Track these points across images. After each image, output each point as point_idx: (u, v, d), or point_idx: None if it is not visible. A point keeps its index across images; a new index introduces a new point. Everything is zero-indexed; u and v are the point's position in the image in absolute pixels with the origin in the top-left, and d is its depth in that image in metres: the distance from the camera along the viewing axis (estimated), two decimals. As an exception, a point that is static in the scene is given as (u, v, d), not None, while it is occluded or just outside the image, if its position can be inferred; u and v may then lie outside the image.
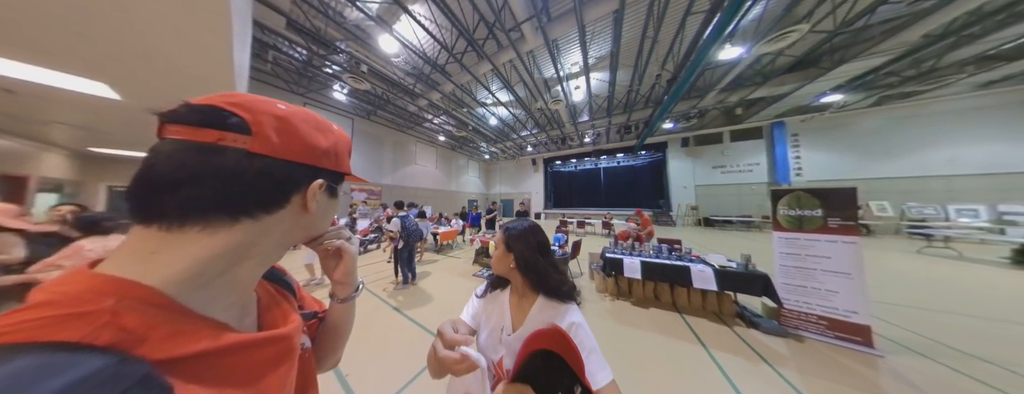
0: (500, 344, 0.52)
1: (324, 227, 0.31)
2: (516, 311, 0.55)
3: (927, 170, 6.67)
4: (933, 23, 3.77)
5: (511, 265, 0.54)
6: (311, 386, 0.32)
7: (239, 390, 0.20)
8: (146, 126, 2.70)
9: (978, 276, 3.39)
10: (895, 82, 5.65)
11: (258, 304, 0.29)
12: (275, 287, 0.35)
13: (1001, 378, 1.41)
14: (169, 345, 0.18)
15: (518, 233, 0.56)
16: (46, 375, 0.13)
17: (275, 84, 6.42)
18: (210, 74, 1.73)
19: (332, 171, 0.28)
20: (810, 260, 1.77)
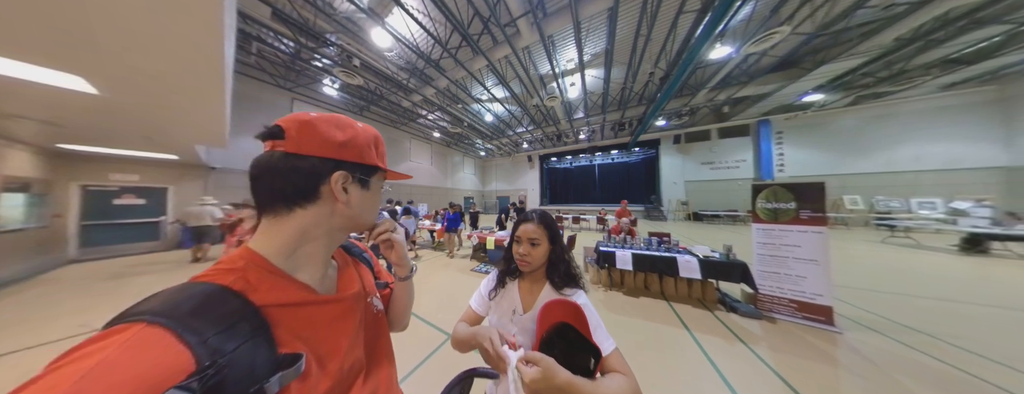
0: (511, 323, 0.57)
1: (368, 217, 0.36)
2: (527, 295, 0.59)
3: (896, 166, 7.17)
4: (904, 27, 4.02)
5: (545, 258, 0.57)
6: (383, 340, 0.41)
7: (310, 332, 0.29)
8: (121, 121, 2.56)
9: (931, 262, 3.76)
10: (870, 82, 6.00)
11: (338, 273, 0.38)
12: (354, 260, 0.44)
13: (942, 349, 1.62)
14: (269, 295, 0.27)
15: (555, 227, 0.57)
16: (214, 301, 0.24)
17: (259, 78, 6.13)
18: (197, 67, 1.66)
19: (355, 163, 0.33)
20: (783, 249, 1.93)
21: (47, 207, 3.82)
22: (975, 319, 1.99)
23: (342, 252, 0.43)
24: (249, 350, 0.23)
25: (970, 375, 1.39)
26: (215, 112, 2.41)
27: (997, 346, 1.64)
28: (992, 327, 1.88)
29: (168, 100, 2.11)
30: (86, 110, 2.25)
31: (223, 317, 0.24)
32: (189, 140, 3.47)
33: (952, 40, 4.47)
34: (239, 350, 0.23)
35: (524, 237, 0.57)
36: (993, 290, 2.60)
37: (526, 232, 0.58)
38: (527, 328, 0.55)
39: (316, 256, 0.32)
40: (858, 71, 5.30)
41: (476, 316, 0.62)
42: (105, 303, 2.41)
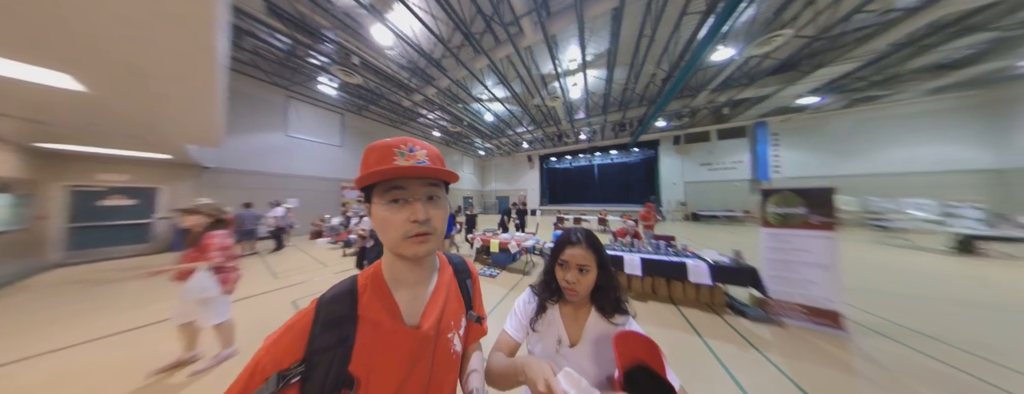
0: (558, 355, 0.51)
1: (386, 233, 0.34)
2: (571, 323, 0.53)
3: (887, 168, 7.35)
4: (899, 33, 4.10)
5: (593, 284, 0.50)
6: (448, 386, 0.38)
7: (376, 359, 0.31)
8: (109, 119, 2.43)
9: (927, 263, 3.85)
10: (863, 86, 6.13)
11: (430, 297, 0.38)
12: (454, 284, 0.44)
13: (952, 354, 1.63)
14: (369, 307, 0.33)
15: (603, 250, 0.51)
16: (342, 295, 0.33)
17: (254, 75, 5.96)
18: (189, 63, 1.58)
19: (367, 186, 0.35)
20: (793, 253, 1.93)
21: (30, 209, 3.64)
22: (980, 322, 2.02)
23: (450, 272, 0.44)
24: (331, 357, 0.29)
25: (983, 381, 1.40)
26: (208, 110, 2.31)
27: (1005, 349, 1.67)
28: (997, 329, 1.91)
29: (158, 98, 2.01)
30: (71, 108, 2.13)
31: (337, 312, 0.31)
32: (180, 139, 3.34)
33: (943, 45, 4.59)
34: (326, 353, 0.29)
35: (572, 263, 0.50)
36: (993, 292, 2.66)
37: (574, 257, 0.50)
38: (578, 364, 0.50)
39: (400, 276, 0.36)
40: (853, 75, 5.41)
41: (514, 343, 0.54)
42: (77, 318, 2.28)
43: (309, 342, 0.29)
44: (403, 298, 0.35)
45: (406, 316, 0.34)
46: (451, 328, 0.38)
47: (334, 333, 0.30)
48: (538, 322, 0.54)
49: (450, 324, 0.38)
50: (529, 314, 0.56)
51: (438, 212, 0.34)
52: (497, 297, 2.49)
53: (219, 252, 1.42)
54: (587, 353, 0.51)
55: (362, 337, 0.31)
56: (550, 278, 0.55)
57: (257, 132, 6.30)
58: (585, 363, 0.50)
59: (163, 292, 2.77)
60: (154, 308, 2.36)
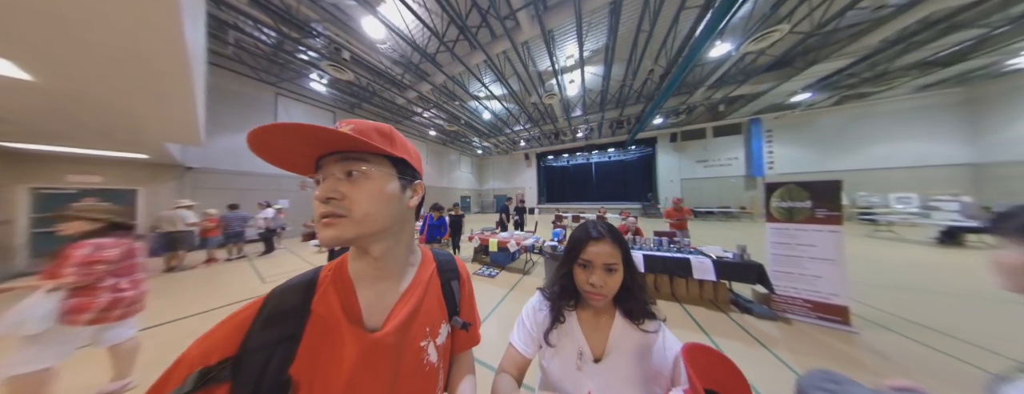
0: (580, 372, 0.43)
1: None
2: (593, 333, 0.46)
3: (874, 163, 7.55)
4: (890, 29, 4.17)
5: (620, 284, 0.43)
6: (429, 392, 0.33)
7: (323, 361, 0.27)
8: (71, 115, 2.23)
9: (916, 254, 3.96)
10: (854, 83, 6.24)
11: (402, 295, 0.33)
12: (441, 286, 0.39)
13: (957, 347, 1.63)
14: (318, 299, 0.29)
15: (627, 245, 0.44)
16: (297, 286, 0.31)
17: (239, 71, 5.69)
18: (155, 52, 1.42)
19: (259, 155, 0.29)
20: (799, 248, 1.91)
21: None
22: (975, 311, 2.05)
23: (432, 269, 0.38)
24: (266, 355, 0.25)
25: (987, 372, 1.40)
26: (184, 106, 2.14)
27: (1002, 337, 1.68)
28: (992, 318, 1.94)
29: (124, 91, 1.84)
30: (25, 101, 1.93)
31: (286, 305, 0.28)
32: (157, 137, 3.12)
33: (931, 42, 4.69)
34: (263, 351, 0.25)
35: (598, 262, 0.43)
36: (982, 282, 2.71)
37: (600, 256, 0.43)
38: (606, 383, 0.42)
39: (360, 269, 0.32)
40: (845, 71, 5.50)
41: (524, 360, 0.46)
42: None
43: (246, 337, 0.25)
44: (366, 296, 0.31)
45: (367, 316, 0.30)
46: (425, 335, 0.33)
47: (276, 329, 0.26)
48: (553, 334, 0.46)
49: (423, 331, 0.33)
50: (541, 324, 0.48)
51: (356, 190, 0.28)
52: (496, 298, 2.40)
53: (76, 269, 1.03)
54: (616, 369, 0.43)
55: (310, 335, 0.27)
56: (567, 281, 0.47)
57: (244, 130, 6.02)
58: (614, 381, 0.42)
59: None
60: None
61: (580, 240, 0.45)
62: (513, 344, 0.47)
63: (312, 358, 0.26)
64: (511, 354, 0.47)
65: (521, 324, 0.49)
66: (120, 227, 1.25)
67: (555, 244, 3.22)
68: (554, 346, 0.45)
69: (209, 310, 2.34)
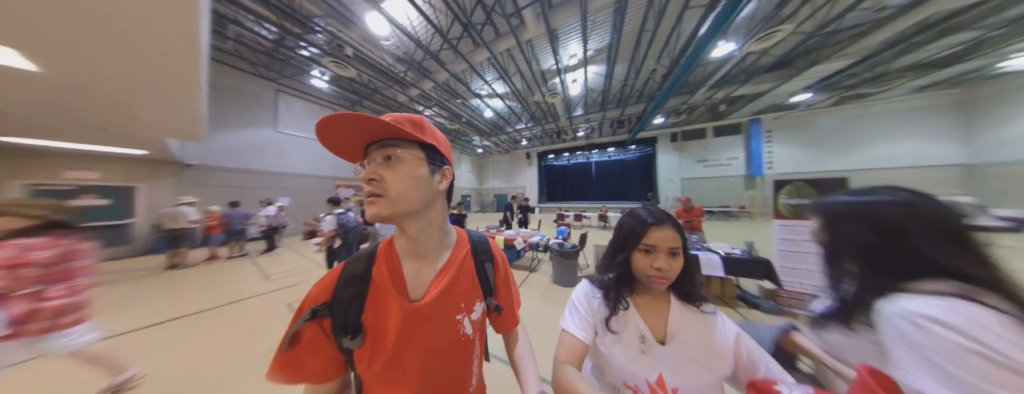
0: (646, 356, 0.43)
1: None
2: (652, 317, 0.46)
3: (871, 163, 7.67)
4: (890, 31, 4.22)
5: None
6: (452, 369, 0.37)
7: (378, 318, 0.34)
8: (73, 109, 2.19)
9: None
10: (853, 84, 6.33)
11: (439, 272, 0.38)
12: (470, 262, 0.42)
13: None
14: (376, 269, 0.36)
15: (684, 230, 0.45)
16: (363, 256, 0.38)
17: (239, 66, 5.62)
18: (167, 41, 1.40)
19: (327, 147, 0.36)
20: (805, 245, 1.94)
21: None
22: None
23: (467, 250, 0.42)
24: (348, 304, 0.33)
25: None
26: (189, 100, 2.11)
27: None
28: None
29: (131, 84, 1.81)
30: (25, 93, 1.89)
31: (355, 271, 0.36)
32: (159, 133, 3.08)
33: (929, 44, 4.76)
34: (345, 301, 0.34)
35: (662, 246, 0.43)
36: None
37: (665, 240, 0.43)
38: (676, 364, 0.43)
39: (402, 246, 0.37)
40: (844, 72, 5.56)
41: (583, 346, 0.45)
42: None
43: (334, 290, 0.34)
44: (409, 270, 0.37)
45: (410, 288, 0.36)
46: (460, 310, 0.38)
47: (351, 287, 0.34)
48: (614, 321, 0.46)
49: (458, 306, 0.38)
50: (598, 311, 0.48)
51: (392, 173, 0.32)
52: None
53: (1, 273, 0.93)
54: (683, 350, 0.44)
55: (372, 296, 0.34)
56: (625, 269, 0.47)
57: (244, 127, 5.96)
58: (684, 363, 0.43)
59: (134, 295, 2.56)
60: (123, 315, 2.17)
61: (639, 226, 0.46)
62: (569, 331, 0.46)
63: (374, 313, 0.34)
64: (568, 342, 0.46)
65: (574, 311, 0.49)
66: (60, 226, 1.11)
67: (561, 241, 3.24)
68: (616, 333, 0.46)
69: (214, 307, 2.32)
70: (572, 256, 2.76)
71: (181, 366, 1.52)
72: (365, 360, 0.33)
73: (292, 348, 0.33)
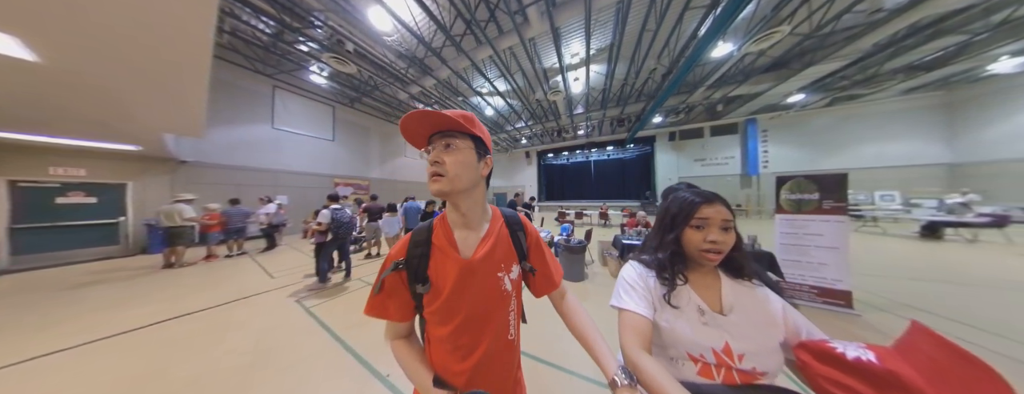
0: (708, 327, 0.45)
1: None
2: (705, 292, 0.49)
3: (862, 162, 7.91)
4: (882, 34, 4.35)
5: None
6: (496, 312, 0.47)
7: (439, 271, 0.44)
8: (71, 100, 2.10)
9: (901, 247, 4.23)
10: (845, 85, 6.51)
11: (481, 241, 0.48)
12: (505, 233, 0.51)
13: (943, 325, 1.77)
14: (435, 236, 0.47)
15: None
16: (426, 225, 0.50)
17: (234, 61, 5.47)
18: (177, 29, 1.36)
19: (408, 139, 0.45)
20: (806, 238, 2.01)
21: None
22: (954, 294, 2.22)
23: (501, 222, 0.52)
24: (418, 261, 0.45)
25: (968, 341, 1.53)
26: (192, 94, 2.06)
27: (981, 317, 1.83)
28: (971, 300, 2.10)
29: (132, 76, 1.74)
30: (16, 84, 1.81)
31: (420, 238, 0.47)
32: (157, 128, 3.00)
33: (918, 47, 4.93)
34: (415, 259, 0.45)
35: (716, 218, 0.46)
36: (960, 269, 2.94)
37: (719, 213, 0.46)
38: (741, 332, 0.45)
39: (453, 218, 0.48)
40: (837, 74, 5.72)
41: (648, 322, 0.46)
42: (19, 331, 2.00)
43: (408, 250, 0.46)
44: (460, 236, 0.47)
45: (462, 250, 0.46)
46: (500, 269, 0.47)
47: (418, 249, 0.45)
48: (673, 296, 0.48)
49: (499, 265, 0.47)
50: (655, 289, 0.49)
51: (450, 158, 0.41)
52: (539, 303, 2.41)
53: None
54: (746, 319, 0.46)
55: (434, 256, 0.45)
56: (677, 247, 0.49)
57: (240, 124, 5.82)
58: (747, 330, 0.45)
59: (131, 295, 2.51)
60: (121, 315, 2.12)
61: (689, 204, 0.48)
62: (631, 310, 0.47)
63: (436, 268, 0.44)
64: (632, 321, 0.46)
65: (631, 289, 0.50)
66: None
67: (566, 238, 3.27)
68: (678, 307, 0.47)
69: (216, 305, 2.29)
70: (579, 251, 2.80)
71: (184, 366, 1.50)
72: (430, 302, 0.44)
73: (380, 293, 0.45)
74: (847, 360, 0.36)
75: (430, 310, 0.43)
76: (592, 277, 2.87)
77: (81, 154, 4.06)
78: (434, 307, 0.43)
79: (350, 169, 8.20)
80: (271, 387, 1.30)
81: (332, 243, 2.67)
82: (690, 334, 0.46)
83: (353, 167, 8.31)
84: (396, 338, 0.47)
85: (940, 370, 0.31)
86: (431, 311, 0.43)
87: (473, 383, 0.43)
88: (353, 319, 2.00)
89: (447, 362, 0.43)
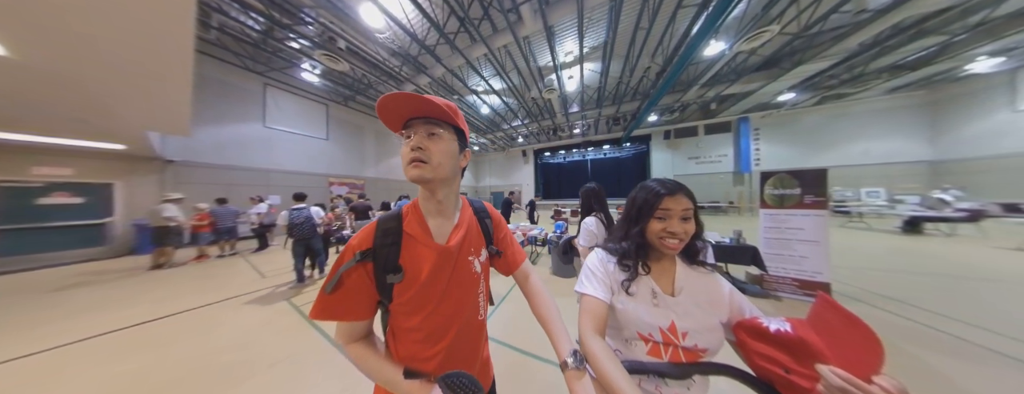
0: (659, 308, 0.49)
1: (403, 163, 0.43)
2: (661, 277, 0.52)
3: (849, 160, 8.13)
4: (867, 33, 4.47)
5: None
6: (469, 294, 0.49)
7: (412, 260, 0.44)
8: (46, 97, 2.04)
9: (883, 241, 4.39)
10: (833, 84, 6.66)
11: (454, 228, 0.49)
12: (474, 222, 0.53)
13: (912, 312, 1.86)
14: (407, 224, 0.46)
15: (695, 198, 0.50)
16: (394, 215, 0.47)
17: (223, 58, 5.36)
18: (158, 23, 1.33)
19: (381, 116, 0.42)
20: (788, 232, 2.08)
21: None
22: (929, 286, 2.32)
23: (470, 211, 0.54)
24: (388, 250, 0.43)
25: (937, 330, 1.62)
26: (174, 89, 2.02)
27: (952, 306, 1.92)
28: (944, 291, 2.20)
29: (114, 69, 1.70)
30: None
31: (390, 225, 0.45)
32: (140, 125, 2.93)
33: (902, 47, 5.07)
34: (385, 248, 0.43)
35: (676, 210, 0.47)
36: (936, 262, 3.07)
37: (680, 204, 0.48)
38: (686, 311, 0.48)
39: (426, 206, 0.47)
40: (826, 73, 5.85)
41: (604, 306, 0.49)
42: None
43: (375, 239, 0.43)
44: (433, 224, 0.47)
45: (436, 237, 0.46)
46: (471, 253, 0.49)
47: (387, 238, 0.43)
48: (631, 284, 0.51)
49: (470, 249, 0.49)
50: (614, 274, 0.52)
51: (435, 146, 0.41)
52: (504, 288, 2.44)
53: None
54: (691, 300, 0.50)
55: (405, 245, 0.44)
56: (641, 239, 0.51)
57: (229, 122, 5.70)
58: (691, 310, 0.49)
59: (117, 296, 2.47)
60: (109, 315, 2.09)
61: (652, 197, 0.50)
62: (591, 294, 0.50)
63: (408, 256, 0.43)
64: (591, 305, 0.49)
65: (592, 275, 0.53)
66: None
67: (559, 235, 3.31)
68: (632, 295, 0.50)
69: (205, 305, 2.27)
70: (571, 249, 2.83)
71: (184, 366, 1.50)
72: (401, 292, 0.42)
73: (335, 291, 0.40)
74: (770, 333, 0.40)
75: (401, 300, 0.42)
76: (584, 273, 2.91)
77: (66, 153, 3.95)
78: (407, 297, 0.41)
79: (345, 168, 8.11)
80: (259, 385, 1.30)
81: (298, 243, 2.66)
82: (640, 315, 0.49)
83: (348, 166, 8.22)
84: (352, 341, 0.43)
85: (835, 333, 0.35)
86: (402, 301, 0.42)
87: (445, 365, 0.43)
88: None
89: (415, 350, 0.43)
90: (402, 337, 0.44)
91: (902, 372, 1.30)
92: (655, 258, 0.53)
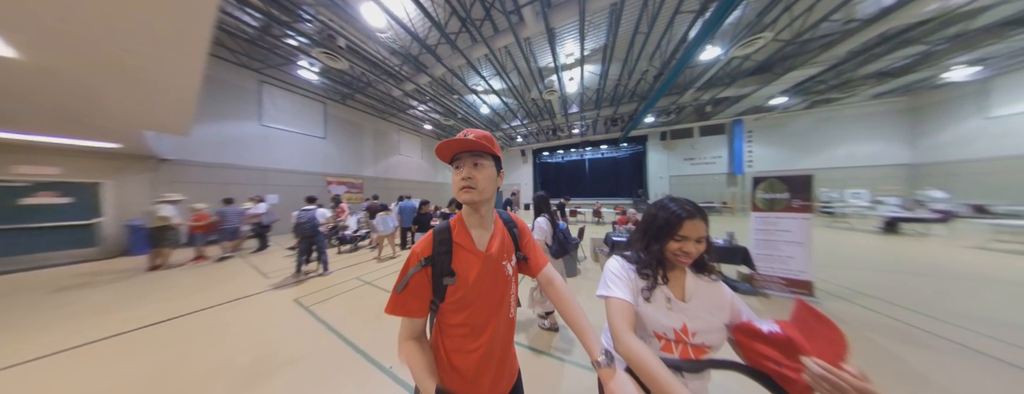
0: (672, 311, 0.55)
1: (453, 187, 0.53)
2: (673, 284, 0.58)
3: (835, 162, 8.47)
4: (855, 42, 4.66)
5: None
6: (504, 295, 0.57)
7: (461, 265, 0.52)
8: (47, 95, 1.99)
9: (863, 241, 4.64)
10: (822, 89, 6.91)
11: (490, 237, 0.57)
12: (505, 230, 0.62)
13: (892, 309, 2.02)
14: (455, 234, 0.55)
15: (708, 218, 0.55)
16: (446, 227, 0.56)
17: (218, 54, 5.21)
18: (174, 18, 1.31)
19: (442, 156, 0.53)
20: (777, 234, 2.21)
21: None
22: (899, 283, 2.50)
23: (501, 223, 0.62)
24: (443, 257, 0.52)
25: (913, 327, 1.77)
26: (182, 88, 2.00)
27: (918, 302, 2.10)
28: (911, 288, 2.39)
29: (115, 69, 1.65)
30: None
31: (443, 236, 0.54)
32: (140, 124, 2.87)
33: (887, 55, 5.31)
34: (441, 255, 0.52)
35: (693, 236, 0.53)
36: (908, 261, 3.29)
37: (696, 230, 0.53)
38: (696, 315, 0.55)
39: (469, 219, 0.56)
40: (815, 78, 6.08)
41: (631, 307, 0.54)
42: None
43: (433, 247, 0.52)
44: (475, 234, 0.55)
45: (478, 245, 0.55)
46: (504, 258, 0.58)
47: (442, 246, 0.52)
48: (649, 291, 0.57)
49: (504, 255, 0.58)
50: (635, 280, 0.58)
51: (480, 174, 0.51)
52: None
53: None
54: (701, 305, 0.57)
55: (456, 252, 0.53)
56: (661, 255, 0.57)
57: (225, 120, 5.58)
58: (701, 314, 0.56)
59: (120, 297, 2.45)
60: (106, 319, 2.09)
61: (675, 219, 0.54)
62: (619, 297, 0.54)
63: (459, 262, 0.52)
64: (619, 307, 0.53)
65: (617, 279, 0.58)
66: None
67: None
68: (649, 300, 0.57)
69: (213, 306, 2.28)
70: (572, 249, 2.92)
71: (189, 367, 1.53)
72: (453, 292, 0.51)
73: (403, 291, 0.50)
74: (764, 333, 0.48)
75: (453, 299, 0.50)
76: (584, 273, 3.02)
77: (52, 152, 3.82)
78: (457, 296, 0.50)
79: (343, 167, 8.03)
80: (282, 385, 1.35)
81: (302, 242, 2.96)
82: (655, 317, 0.56)
83: (346, 165, 8.13)
84: (410, 338, 0.51)
85: (812, 330, 0.44)
86: (453, 300, 0.50)
87: (486, 357, 0.52)
88: (355, 316, 2.06)
89: (460, 344, 0.51)
90: (449, 332, 0.52)
91: (868, 358, 1.45)
92: (668, 268, 0.60)
